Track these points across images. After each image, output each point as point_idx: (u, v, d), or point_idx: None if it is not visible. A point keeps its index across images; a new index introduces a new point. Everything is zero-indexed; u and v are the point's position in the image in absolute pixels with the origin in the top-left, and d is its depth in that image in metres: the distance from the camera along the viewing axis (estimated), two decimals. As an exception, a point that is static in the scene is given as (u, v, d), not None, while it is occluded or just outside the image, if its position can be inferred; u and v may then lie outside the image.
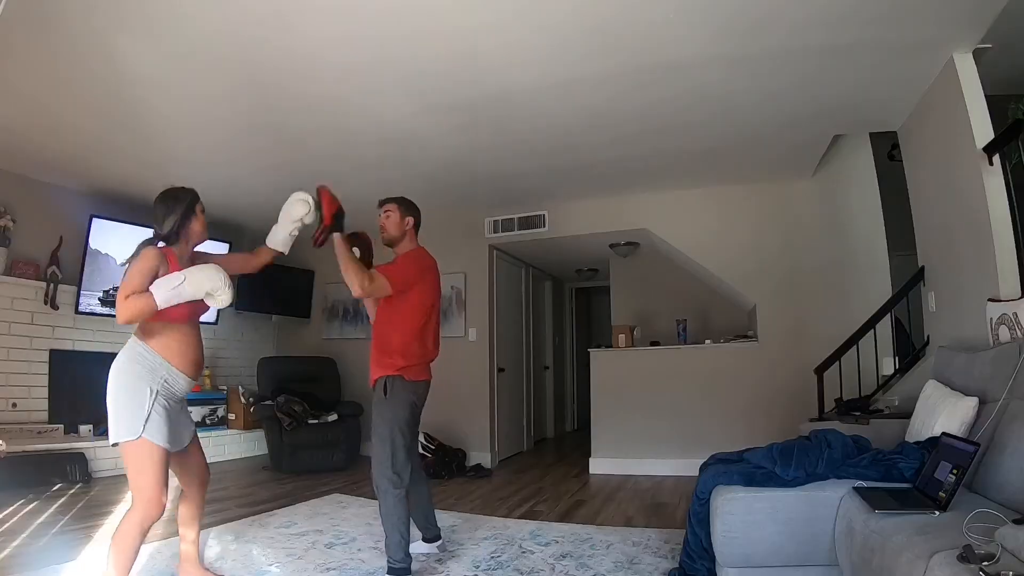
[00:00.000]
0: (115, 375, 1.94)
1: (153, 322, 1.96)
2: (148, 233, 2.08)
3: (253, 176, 4.46)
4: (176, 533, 2.81)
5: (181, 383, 2.03)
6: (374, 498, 3.90)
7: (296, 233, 2.31)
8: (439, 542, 2.73)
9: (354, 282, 2.29)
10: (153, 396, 1.92)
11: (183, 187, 2.14)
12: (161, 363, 1.97)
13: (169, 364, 1.98)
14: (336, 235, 2.32)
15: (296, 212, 2.26)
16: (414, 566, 2.49)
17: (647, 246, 5.48)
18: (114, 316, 1.94)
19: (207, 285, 1.94)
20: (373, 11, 2.43)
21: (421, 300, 2.50)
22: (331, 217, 2.29)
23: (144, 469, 1.90)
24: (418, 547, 2.67)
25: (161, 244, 2.04)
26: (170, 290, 1.88)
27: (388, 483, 2.33)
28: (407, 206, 2.64)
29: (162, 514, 1.94)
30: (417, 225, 2.66)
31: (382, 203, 2.64)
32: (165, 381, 1.97)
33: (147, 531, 1.93)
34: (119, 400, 1.91)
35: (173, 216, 2.06)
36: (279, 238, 2.30)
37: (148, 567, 2.42)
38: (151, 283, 1.89)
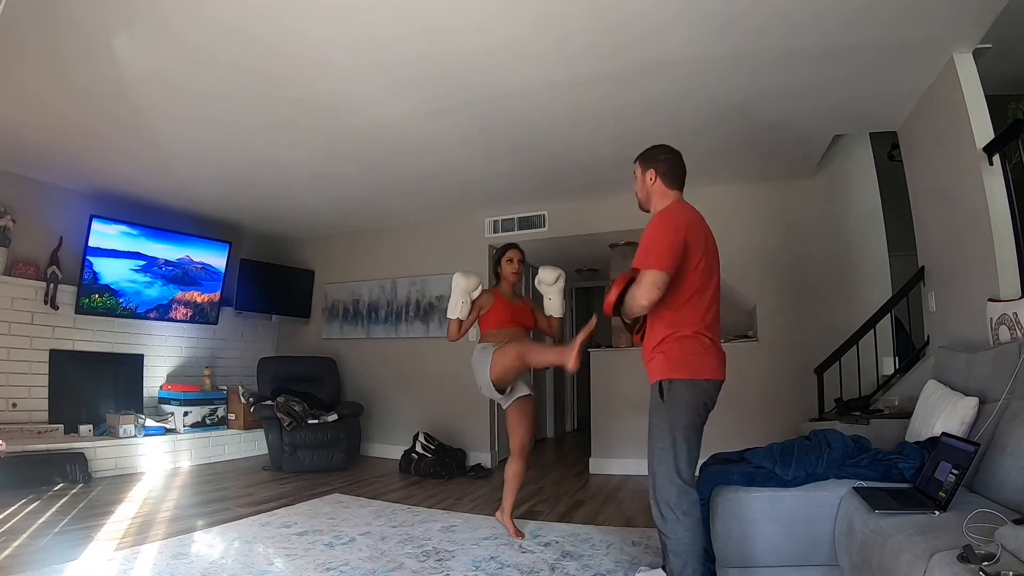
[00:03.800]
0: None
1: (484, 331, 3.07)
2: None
3: (253, 176, 4.46)
4: (176, 534, 2.90)
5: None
6: (374, 498, 3.94)
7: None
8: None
9: (635, 304, 1.94)
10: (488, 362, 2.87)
11: (506, 244, 3.19)
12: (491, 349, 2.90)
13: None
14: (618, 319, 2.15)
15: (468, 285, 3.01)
16: (414, 565, 2.49)
17: (647, 246, 5.47)
18: (114, 316, 2.06)
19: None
20: (375, 13, 2.43)
21: (688, 270, 1.99)
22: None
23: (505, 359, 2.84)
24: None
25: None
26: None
27: (670, 504, 1.92)
28: (644, 159, 2.20)
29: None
30: (666, 173, 2.15)
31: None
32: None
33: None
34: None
35: (491, 264, 3.24)
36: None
37: (148, 567, 2.42)
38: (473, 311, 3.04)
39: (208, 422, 5.15)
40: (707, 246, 2.07)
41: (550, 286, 3.11)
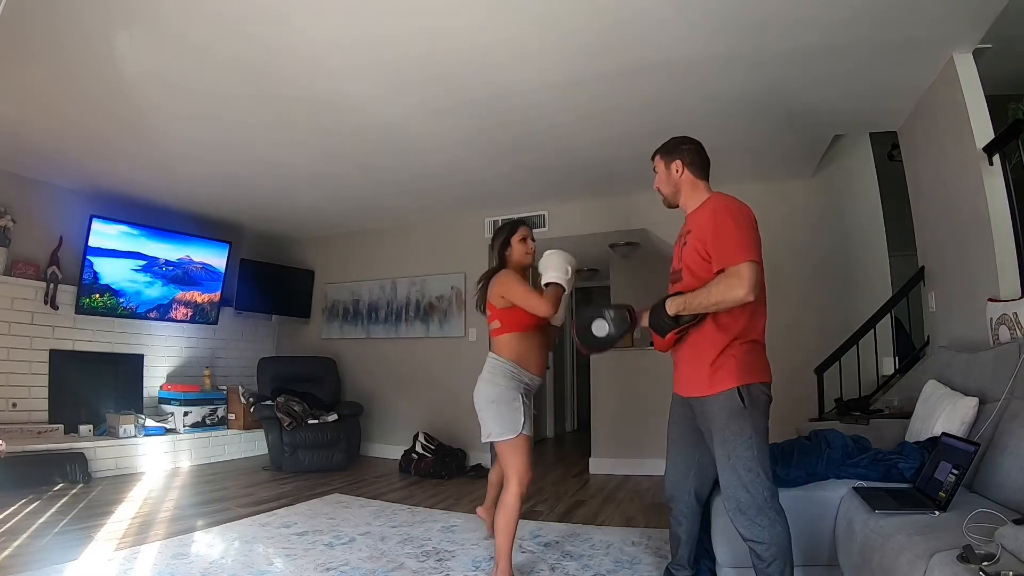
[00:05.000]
0: (486, 390, 2.35)
1: (499, 336, 2.42)
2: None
3: (253, 176, 4.46)
4: (176, 534, 2.92)
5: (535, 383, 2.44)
6: (374, 498, 3.94)
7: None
8: None
9: (730, 297, 1.73)
10: (520, 399, 2.32)
11: (511, 220, 2.62)
12: (518, 369, 2.37)
13: (523, 368, 2.39)
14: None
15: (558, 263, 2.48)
16: (414, 565, 2.49)
17: (647, 246, 5.48)
18: (114, 316, 2.03)
19: None
20: (375, 13, 2.43)
21: None
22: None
23: (520, 454, 2.27)
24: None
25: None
26: None
27: (763, 508, 1.77)
28: (666, 151, 2.08)
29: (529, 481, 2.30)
30: (692, 163, 2.03)
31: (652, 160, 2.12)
32: (525, 384, 2.39)
33: (524, 498, 2.28)
34: (498, 408, 2.31)
35: (496, 244, 2.58)
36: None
37: (148, 567, 2.42)
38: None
39: (208, 422, 5.15)
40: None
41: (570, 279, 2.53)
